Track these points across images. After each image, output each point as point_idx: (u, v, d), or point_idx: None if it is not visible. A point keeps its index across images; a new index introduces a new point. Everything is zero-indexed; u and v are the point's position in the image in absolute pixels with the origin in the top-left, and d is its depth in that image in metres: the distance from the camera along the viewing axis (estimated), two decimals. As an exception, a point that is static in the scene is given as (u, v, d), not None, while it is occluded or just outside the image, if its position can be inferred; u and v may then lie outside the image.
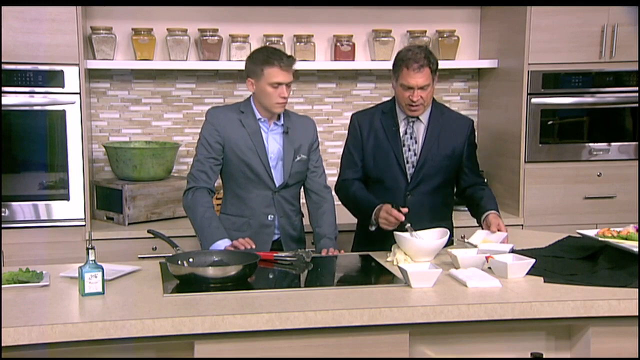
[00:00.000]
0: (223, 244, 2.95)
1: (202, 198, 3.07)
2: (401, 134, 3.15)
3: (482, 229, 3.07)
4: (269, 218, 3.17)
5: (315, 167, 3.27)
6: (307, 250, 2.92)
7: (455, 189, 3.31)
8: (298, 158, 3.17)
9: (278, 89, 3.02)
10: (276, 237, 3.21)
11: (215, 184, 3.18)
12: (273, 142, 3.15)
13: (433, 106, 3.17)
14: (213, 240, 2.97)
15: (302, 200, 3.33)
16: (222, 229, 3.02)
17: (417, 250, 2.81)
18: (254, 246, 2.93)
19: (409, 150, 3.14)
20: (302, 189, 3.31)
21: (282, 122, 3.16)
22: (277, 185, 3.15)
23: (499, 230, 2.98)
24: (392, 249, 2.90)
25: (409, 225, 2.88)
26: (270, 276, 2.82)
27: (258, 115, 3.13)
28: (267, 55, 3.02)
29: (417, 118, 3.14)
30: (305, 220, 3.35)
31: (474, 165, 3.26)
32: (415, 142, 3.14)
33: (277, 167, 3.15)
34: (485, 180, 3.34)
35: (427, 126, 3.14)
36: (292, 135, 3.16)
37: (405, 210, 2.91)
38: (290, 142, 3.16)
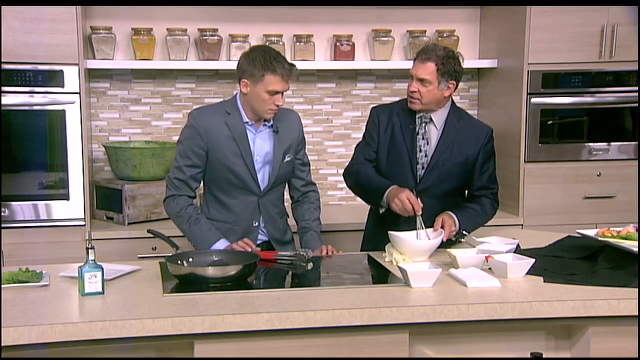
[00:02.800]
0: (221, 245, 2.91)
1: (185, 204, 2.99)
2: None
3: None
4: (254, 224, 3.08)
5: (303, 162, 3.18)
6: (307, 249, 2.91)
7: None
8: (287, 159, 3.07)
9: (274, 97, 2.88)
10: (260, 240, 3.10)
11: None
12: (261, 144, 3.02)
13: (451, 110, 3.12)
14: (210, 244, 2.92)
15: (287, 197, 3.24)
16: (214, 230, 2.97)
17: (412, 251, 2.81)
18: (254, 247, 2.91)
19: (420, 151, 3.10)
20: (286, 187, 3.22)
21: (270, 122, 3.03)
22: (262, 190, 3.05)
23: (442, 228, 2.93)
24: (387, 249, 2.90)
25: (420, 218, 2.88)
26: (270, 276, 2.82)
27: (245, 118, 2.98)
28: (270, 61, 2.86)
29: (430, 120, 3.09)
30: (291, 220, 3.27)
31: (485, 173, 3.17)
32: (427, 144, 3.10)
33: (263, 171, 3.04)
34: (497, 190, 3.23)
35: (443, 130, 3.10)
36: (282, 135, 3.04)
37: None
38: (281, 142, 3.04)
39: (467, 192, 3.23)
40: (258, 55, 2.90)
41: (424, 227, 2.90)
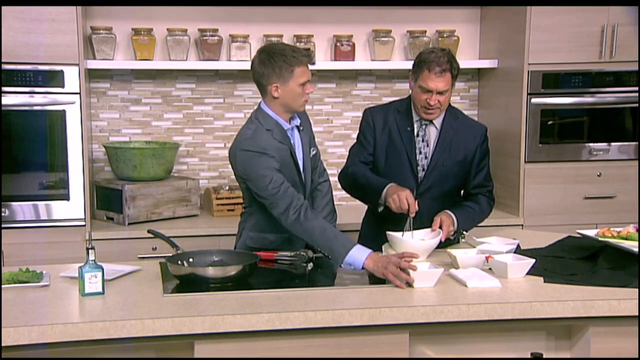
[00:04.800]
0: (362, 255, 2.64)
1: (314, 215, 2.80)
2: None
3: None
4: None
5: (317, 152, 3.16)
6: (307, 249, 2.91)
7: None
8: (312, 153, 3.06)
9: (305, 87, 2.83)
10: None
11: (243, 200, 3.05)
12: (299, 147, 2.98)
13: (447, 110, 3.12)
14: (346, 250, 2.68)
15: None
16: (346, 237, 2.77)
17: (410, 251, 2.80)
18: (417, 256, 2.68)
19: (420, 153, 3.10)
20: None
21: (297, 121, 2.98)
22: (307, 194, 3.02)
23: (440, 228, 2.91)
24: (383, 249, 2.89)
25: (411, 219, 2.87)
26: (270, 276, 2.82)
27: (285, 125, 2.90)
28: (290, 55, 2.79)
29: (430, 121, 3.10)
30: None
31: (481, 171, 3.18)
32: (427, 145, 3.11)
33: (305, 174, 3.01)
34: (492, 187, 3.25)
35: (440, 130, 3.10)
36: (304, 130, 3.02)
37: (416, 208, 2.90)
38: (306, 138, 3.02)
39: (462, 190, 3.24)
40: (275, 56, 2.81)
41: (411, 229, 2.89)
